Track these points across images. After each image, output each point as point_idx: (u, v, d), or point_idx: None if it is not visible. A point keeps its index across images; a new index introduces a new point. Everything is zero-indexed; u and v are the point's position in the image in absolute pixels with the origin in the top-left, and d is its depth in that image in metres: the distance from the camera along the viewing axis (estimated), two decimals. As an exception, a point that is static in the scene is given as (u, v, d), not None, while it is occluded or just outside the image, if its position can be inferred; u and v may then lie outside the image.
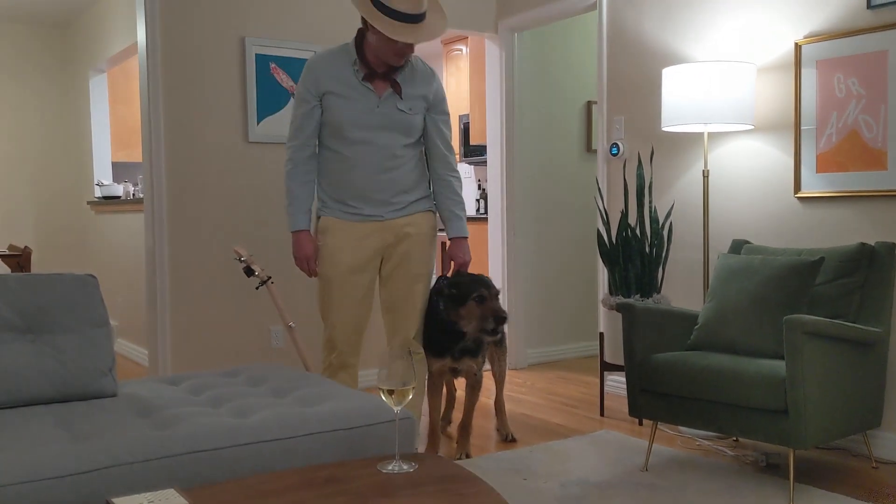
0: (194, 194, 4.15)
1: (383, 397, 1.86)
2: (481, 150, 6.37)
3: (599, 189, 4.23)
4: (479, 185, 7.24)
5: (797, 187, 3.51)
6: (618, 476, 3.05)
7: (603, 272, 4.32)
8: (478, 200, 7.16)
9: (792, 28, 3.53)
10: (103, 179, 6.68)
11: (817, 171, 3.44)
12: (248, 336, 4.32)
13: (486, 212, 5.88)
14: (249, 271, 3.57)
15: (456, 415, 3.81)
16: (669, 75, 3.56)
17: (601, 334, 3.99)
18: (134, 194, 6.38)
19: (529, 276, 5.30)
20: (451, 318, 3.11)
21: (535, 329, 5.33)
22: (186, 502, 1.57)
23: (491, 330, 3.08)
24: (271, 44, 4.31)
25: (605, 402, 4.06)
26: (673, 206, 3.97)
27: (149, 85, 4.06)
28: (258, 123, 4.28)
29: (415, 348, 3.14)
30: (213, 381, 2.51)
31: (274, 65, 4.32)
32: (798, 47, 3.48)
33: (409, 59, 3.00)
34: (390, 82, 2.98)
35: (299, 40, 4.40)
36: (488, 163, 5.32)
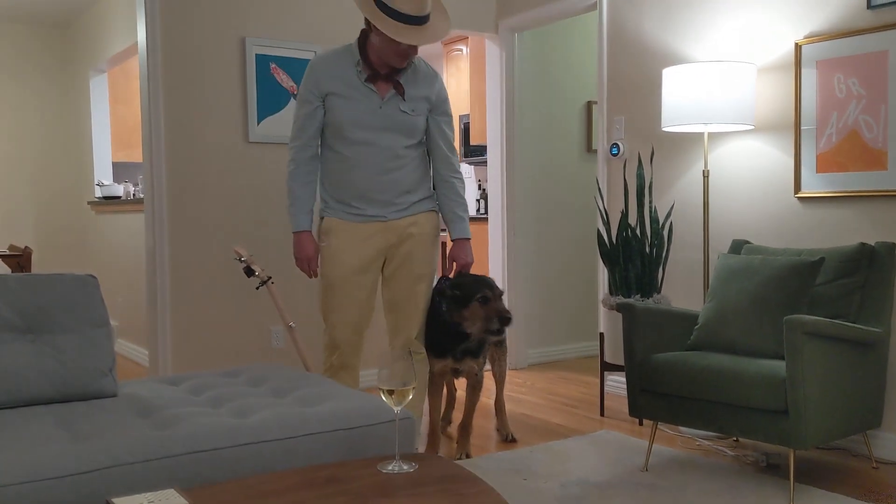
0: (194, 194, 4.15)
1: (383, 397, 1.86)
2: (481, 150, 6.37)
3: (599, 189, 4.23)
4: (480, 186, 7.24)
5: (797, 187, 3.51)
6: (618, 476, 3.05)
7: (603, 272, 4.32)
8: (478, 200, 7.16)
9: (792, 28, 3.53)
10: (104, 179, 6.68)
11: (817, 172, 3.44)
12: (249, 336, 4.32)
13: (487, 212, 5.88)
14: (250, 271, 3.57)
15: (456, 415, 3.81)
16: (669, 75, 3.56)
17: (601, 334, 3.99)
18: (134, 194, 6.38)
19: (530, 276, 5.30)
20: (454, 320, 3.10)
21: (535, 329, 5.33)
22: (186, 502, 1.57)
23: (496, 331, 3.08)
24: (271, 44, 4.31)
25: (605, 402, 4.06)
26: (673, 207, 3.97)
27: (149, 85, 4.06)
28: (258, 123, 4.28)
29: (417, 348, 3.14)
30: (214, 381, 2.51)
31: (274, 65, 4.32)
32: (798, 47, 3.48)
33: (412, 61, 3.00)
34: (393, 83, 2.97)
35: (299, 40, 4.40)
36: (488, 163, 5.32)
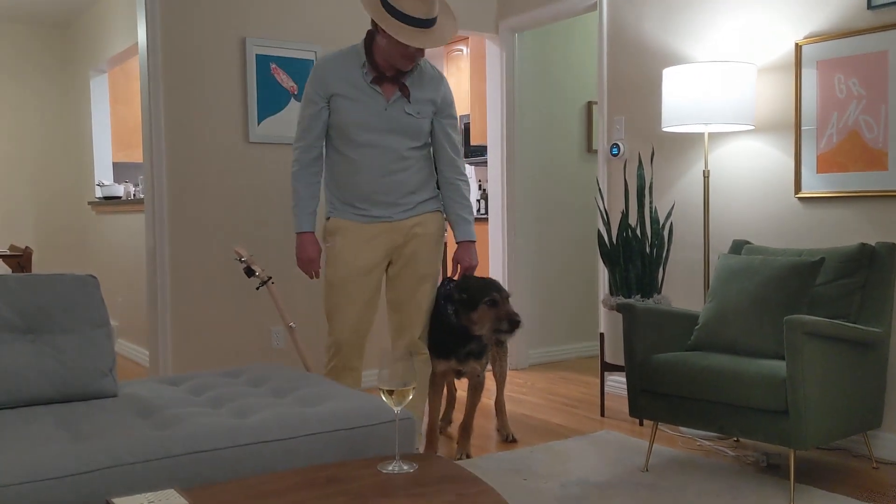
0: (195, 194, 4.15)
1: (383, 397, 1.86)
2: (482, 150, 6.37)
3: (600, 189, 4.23)
4: (480, 186, 7.24)
5: (798, 187, 3.51)
6: (618, 476, 3.05)
7: (603, 272, 4.32)
8: (478, 201, 7.16)
9: (792, 28, 3.53)
10: (104, 180, 6.68)
11: (818, 172, 3.44)
12: (249, 336, 4.32)
13: (487, 212, 5.88)
14: (250, 272, 3.57)
15: (456, 415, 3.81)
16: (670, 75, 3.56)
17: (602, 335, 3.99)
18: (134, 194, 6.38)
19: (530, 277, 5.29)
20: (462, 323, 3.10)
21: (535, 329, 5.33)
22: (187, 502, 1.57)
23: (505, 333, 3.09)
24: (272, 44, 4.31)
25: (605, 402, 4.06)
26: (673, 207, 3.97)
27: (149, 85, 4.06)
28: (259, 124, 4.28)
29: (420, 349, 3.14)
30: (214, 381, 2.51)
31: (274, 65, 4.31)
32: (798, 47, 3.48)
33: (418, 63, 2.99)
34: (399, 85, 2.96)
35: (300, 40, 4.40)
36: (489, 163, 5.32)
